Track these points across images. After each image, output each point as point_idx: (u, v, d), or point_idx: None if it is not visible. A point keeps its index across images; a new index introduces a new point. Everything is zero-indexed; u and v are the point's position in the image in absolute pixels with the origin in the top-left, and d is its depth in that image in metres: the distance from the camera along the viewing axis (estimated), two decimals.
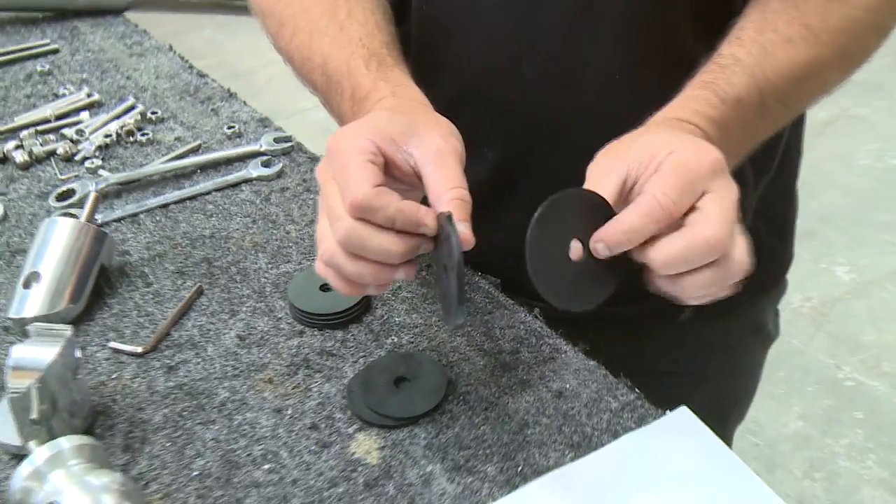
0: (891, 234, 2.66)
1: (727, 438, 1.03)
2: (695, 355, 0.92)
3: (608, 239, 0.57)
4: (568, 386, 0.74)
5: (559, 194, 0.60)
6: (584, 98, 0.75)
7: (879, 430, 2.01)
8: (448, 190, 0.58)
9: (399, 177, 0.60)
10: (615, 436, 0.69)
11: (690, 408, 0.76)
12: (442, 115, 0.66)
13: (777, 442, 2.00)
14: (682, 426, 0.70)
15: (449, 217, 0.57)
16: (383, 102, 0.66)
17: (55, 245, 0.81)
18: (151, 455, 0.68)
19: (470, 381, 0.74)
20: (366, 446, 0.69)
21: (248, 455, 0.68)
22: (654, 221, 0.56)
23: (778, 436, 2.02)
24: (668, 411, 0.72)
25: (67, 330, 0.67)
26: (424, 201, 0.61)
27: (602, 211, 0.60)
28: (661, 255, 0.57)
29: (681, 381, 0.93)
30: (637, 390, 0.74)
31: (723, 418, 1.00)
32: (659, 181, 0.56)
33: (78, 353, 0.69)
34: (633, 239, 0.56)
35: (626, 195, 0.59)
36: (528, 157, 0.80)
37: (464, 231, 0.57)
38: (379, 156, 0.58)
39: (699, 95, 0.66)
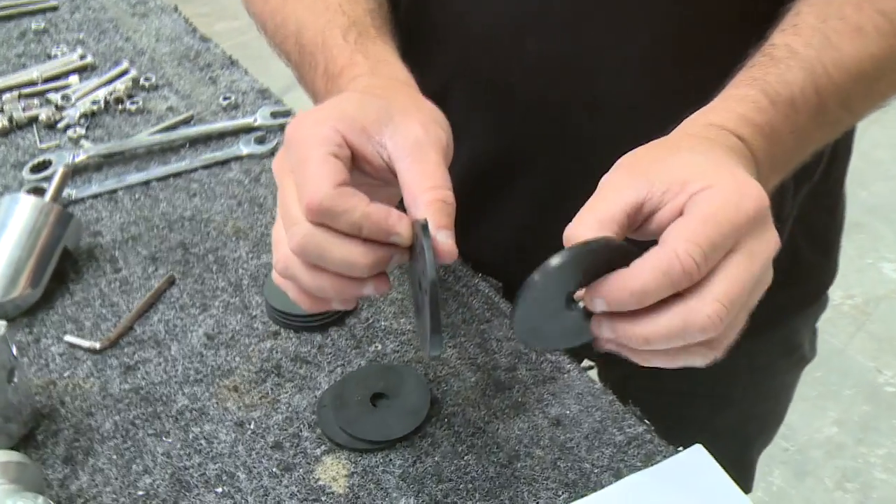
0: None
1: (750, 465, 0.93)
2: (718, 376, 0.82)
3: (610, 298, 0.47)
4: (568, 412, 0.65)
5: (569, 255, 0.46)
6: (595, 82, 0.65)
7: None
8: (426, 190, 0.49)
9: (370, 172, 0.51)
10: (617, 475, 0.61)
11: (711, 432, 0.68)
12: (430, 98, 0.56)
13: (808, 448, 1.90)
14: (694, 468, 0.61)
15: (424, 226, 0.48)
16: (358, 81, 0.57)
17: (14, 226, 0.74)
18: (95, 469, 0.61)
19: (457, 400, 0.66)
20: (333, 472, 0.61)
21: (202, 475, 0.61)
22: (671, 284, 0.45)
23: (810, 441, 1.91)
24: (680, 448, 0.63)
25: (1, 326, 0.60)
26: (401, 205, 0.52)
27: (618, 257, 0.47)
28: (643, 332, 0.47)
29: (701, 404, 0.84)
30: (647, 422, 0.65)
31: (746, 444, 0.91)
32: (684, 231, 0.45)
33: (14, 352, 0.62)
34: (641, 301, 0.46)
35: (641, 223, 0.49)
36: (530, 147, 0.71)
37: (443, 242, 0.48)
38: (344, 147, 0.49)
39: (746, 96, 0.55)
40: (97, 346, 0.70)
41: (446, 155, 0.52)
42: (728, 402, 0.85)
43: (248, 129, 0.96)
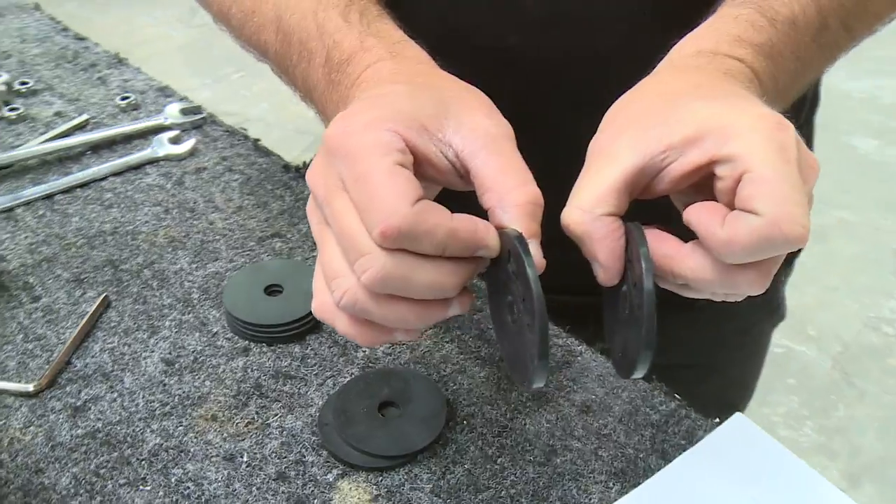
0: None
1: None
2: (706, 344, 0.79)
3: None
4: (594, 397, 0.59)
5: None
6: (602, 40, 0.60)
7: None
8: (513, 189, 0.41)
9: (432, 176, 0.43)
10: (665, 457, 0.55)
11: (696, 404, 0.63)
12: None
13: None
14: (741, 437, 0.57)
15: (519, 238, 0.41)
16: (380, 68, 0.48)
17: None
18: None
19: (472, 398, 0.59)
20: (354, 498, 0.52)
21: None
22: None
23: None
24: (717, 420, 0.59)
25: None
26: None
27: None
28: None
29: (688, 376, 0.80)
30: (678, 396, 0.60)
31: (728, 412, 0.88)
32: (770, 194, 0.38)
33: None
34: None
35: (642, 187, 0.43)
36: (529, 116, 0.64)
37: (536, 254, 0.41)
38: (407, 153, 0.41)
39: (740, 15, 0.50)
40: (30, 388, 0.58)
41: (515, 145, 0.45)
42: (713, 369, 0.81)
43: (158, 130, 0.85)
